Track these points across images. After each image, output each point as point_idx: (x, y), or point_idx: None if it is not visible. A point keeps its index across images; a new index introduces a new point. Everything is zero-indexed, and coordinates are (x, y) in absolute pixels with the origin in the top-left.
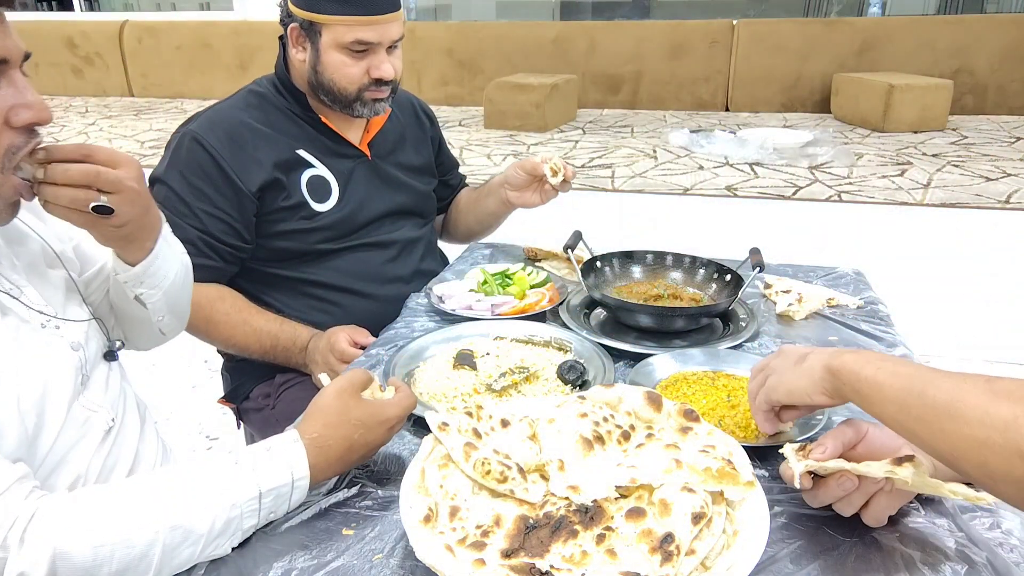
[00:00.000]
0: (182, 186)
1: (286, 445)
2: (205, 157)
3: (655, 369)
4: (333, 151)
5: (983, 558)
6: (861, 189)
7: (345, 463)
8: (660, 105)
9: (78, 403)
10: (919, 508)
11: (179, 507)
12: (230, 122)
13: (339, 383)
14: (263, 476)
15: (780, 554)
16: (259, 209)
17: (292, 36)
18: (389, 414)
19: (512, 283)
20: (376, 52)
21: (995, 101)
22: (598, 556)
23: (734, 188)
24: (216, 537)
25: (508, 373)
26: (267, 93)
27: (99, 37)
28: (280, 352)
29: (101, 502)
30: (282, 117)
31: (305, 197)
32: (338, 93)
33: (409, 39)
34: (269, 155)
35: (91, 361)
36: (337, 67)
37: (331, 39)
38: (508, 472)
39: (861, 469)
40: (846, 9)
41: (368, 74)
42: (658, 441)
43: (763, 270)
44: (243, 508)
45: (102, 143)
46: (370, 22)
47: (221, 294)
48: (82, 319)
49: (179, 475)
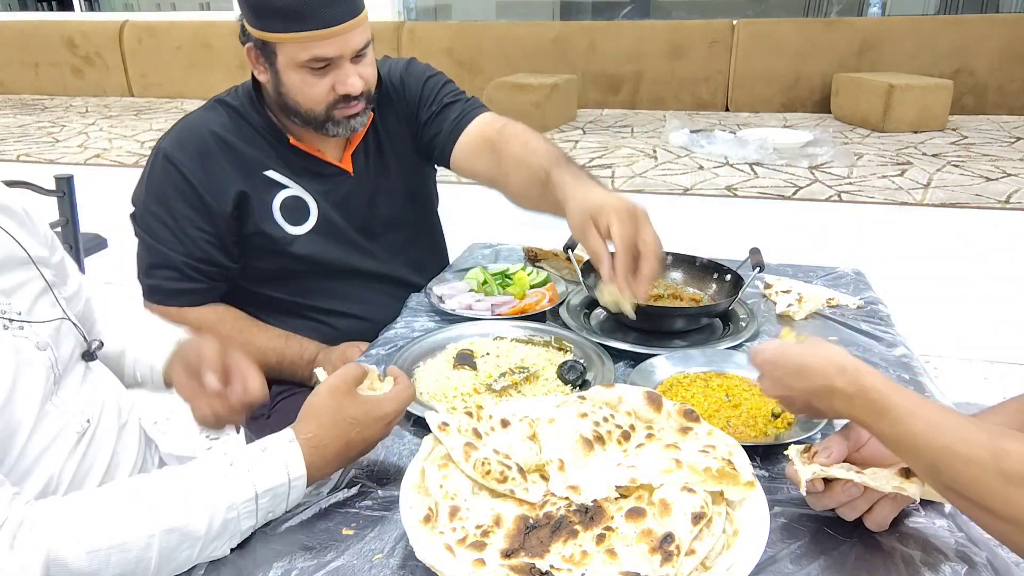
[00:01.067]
0: (160, 210)
1: (282, 445)
2: (178, 177)
3: (655, 369)
4: (308, 170)
5: (983, 558)
6: (861, 189)
7: (343, 460)
8: (660, 105)
9: (51, 404)
10: (919, 508)
11: (175, 510)
12: (200, 137)
13: (331, 381)
14: (259, 477)
15: (780, 554)
16: (237, 229)
17: (250, 57)
18: (386, 410)
19: (512, 283)
20: (339, 66)
21: (995, 101)
22: (598, 556)
23: (734, 188)
24: (214, 539)
25: (508, 373)
26: (240, 106)
27: (99, 37)
28: (287, 367)
29: (95, 507)
30: (253, 133)
31: (278, 222)
32: (306, 115)
33: (409, 39)
34: (238, 178)
35: (64, 361)
36: (299, 88)
37: (287, 59)
38: (508, 472)
39: (869, 482)
40: (846, 9)
41: (334, 90)
42: (658, 441)
43: (763, 270)
44: (240, 510)
45: (102, 143)
46: (326, 36)
47: (220, 316)
48: (51, 319)
49: (174, 478)
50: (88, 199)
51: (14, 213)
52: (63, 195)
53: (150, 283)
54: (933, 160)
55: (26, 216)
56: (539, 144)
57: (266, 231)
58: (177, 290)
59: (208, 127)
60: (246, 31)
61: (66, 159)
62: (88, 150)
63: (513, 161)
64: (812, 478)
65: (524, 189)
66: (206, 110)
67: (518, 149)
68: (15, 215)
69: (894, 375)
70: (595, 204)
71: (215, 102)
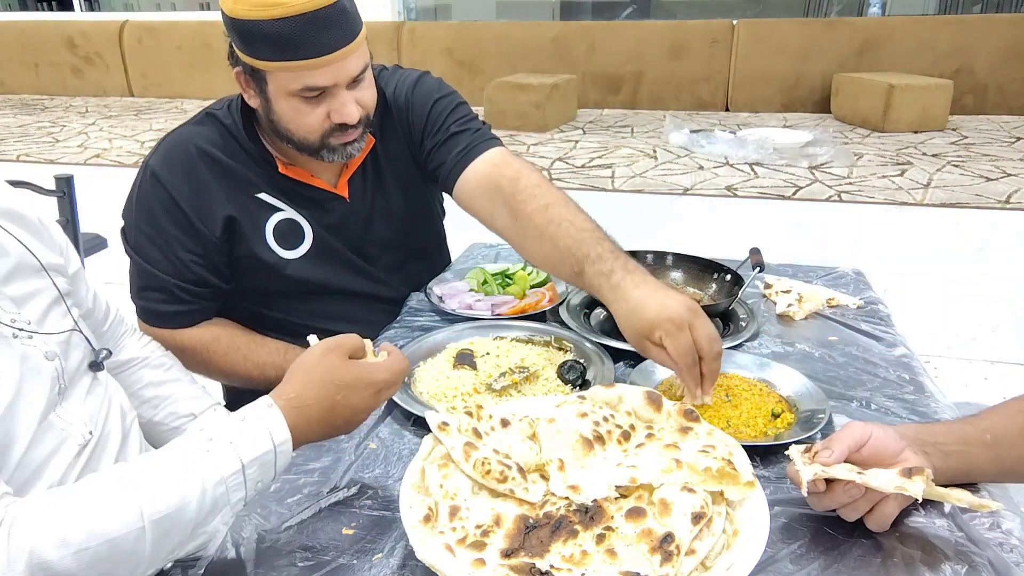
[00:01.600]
0: (149, 229)
1: (261, 411)
2: (166, 197)
3: (655, 369)
4: (301, 195)
5: (983, 558)
6: (861, 189)
7: (328, 426)
8: (660, 105)
9: (54, 414)
10: (919, 508)
11: (163, 496)
12: (189, 155)
13: (327, 343)
14: (243, 448)
15: (780, 554)
16: (228, 252)
17: (240, 81)
18: (376, 377)
19: (512, 283)
20: (335, 94)
21: (995, 101)
22: (598, 556)
23: (734, 188)
24: (207, 516)
25: (508, 373)
26: (232, 124)
27: (99, 37)
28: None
29: (76, 507)
30: (244, 153)
31: (271, 246)
32: (299, 143)
33: (409, 39)
34: (227, 201)
35: (71, 372)
36: (292, 116)
37: (278, 88)
38: (508, 472)
39: (871, 483)
40: (846, 9)
41: (329, 119)
42: (658, 441)
43: (763, 270)
44: (229, 483)
45: (102, 143)
46: (318, 64)
47: (215, 334)
48: (61, 331)
49: (157, 463)
50: (88, 199)
51: (28, 222)
52: (63, 195)
53: (142, 305)
54: (933, 160)
55: (40, 224)
56: (563, 214)
57: (259, 255)
58: (169, 313)
59: (196, 143)
60: (235, 54)
61: (66, 159)
62: (88, 150)
63: (534, 230)
64: (814, 479)
65: (546, 263)
66: (195, 124)
67: (539, 218)
68: (29, 224)
69: (894, 375)
70: (644, 324)
71: (205, 115)
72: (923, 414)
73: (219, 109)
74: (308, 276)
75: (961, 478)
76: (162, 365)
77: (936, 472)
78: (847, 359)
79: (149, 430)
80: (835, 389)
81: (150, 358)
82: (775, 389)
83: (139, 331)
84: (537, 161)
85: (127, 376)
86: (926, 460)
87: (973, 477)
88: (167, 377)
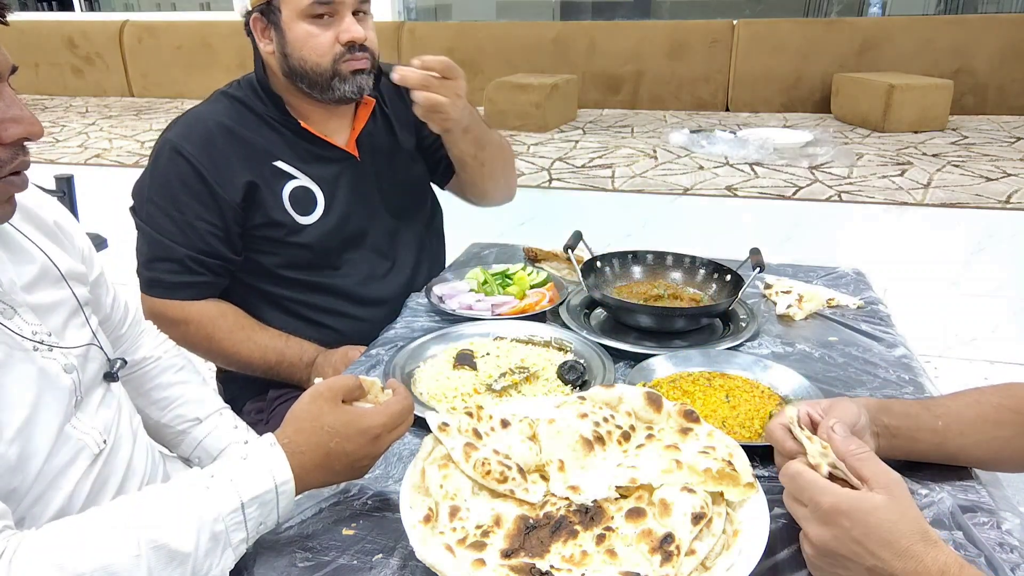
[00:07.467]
0: (165, 201)
1: (263, 451)
2: (186, 168)
3: (655, 370)
4: (316, 156)
5: (982, 558)
6: (861, 189)
7: (327, 472)
8: (660, 105)
9: (69, 425)
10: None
11: (159, 527)
12: (207, 128)
13: (317, 388)
14: (243, 486)
15: (780, 554)
16: (244, 220)
17: (256, 28)
18: (367, 423)
19: (512, 283)
20: (341, 16)
21: (995, 101)
22: (598, 556)
23: (734, 188)
24: (206, 555)
25: (508, 373)
26: (244, 97)
27: (99, 37)
28: (285, 368)
29: (74, 537)
30: (259, 123)
31: (288, 211)
32: (312, 72)
33: (409, 39)
34: (246, 169)
35: (87, 383)
36: (304, 41)
37: (290, 12)
38: (508, 472)
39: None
40: (846, 9)
41: (338, 41)
42: (658, 442)
43: (763, 270)
44: (227, 521)
45: (102, 143)
46: None
47: (222, 310)
48: (80, 344)
49: (156, 496)
50: (88, 199)
51: (46, 227)
52: (63, 195)
53: (150, 275)
54: (933, 160)
55: (57, 229)
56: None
57: (277, 219)
58: (179, 283)
59: (214, 119)
60: (248, 11)
61: (66, 159)
62: (88, 150)
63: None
64: (830, 472)
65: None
66: (210, 103)
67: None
68: (47, 229)
69: (894, 375)
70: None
71: (220, 94)
72: None
73: (229, 87)
74: (319, 240)
75: (901, 457)
76: (173, 366)
77: (879, 451)
78: (847, 359)
79: (156, 432)
80: (835, 389)
81: (163, 358)
82: (775, 390)
83: (155, 329)
84: (537, 161)
85: (139, 375)
86: (874, 442)
87: (913, 457)
88: (177, 379)
